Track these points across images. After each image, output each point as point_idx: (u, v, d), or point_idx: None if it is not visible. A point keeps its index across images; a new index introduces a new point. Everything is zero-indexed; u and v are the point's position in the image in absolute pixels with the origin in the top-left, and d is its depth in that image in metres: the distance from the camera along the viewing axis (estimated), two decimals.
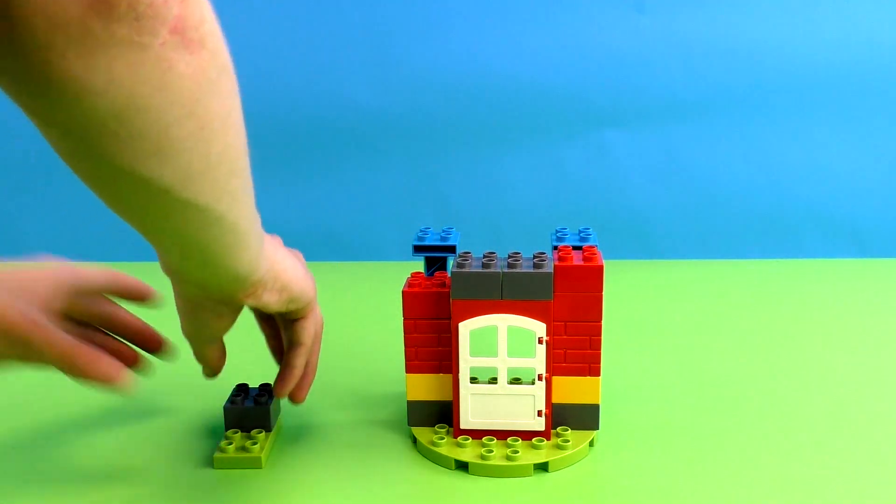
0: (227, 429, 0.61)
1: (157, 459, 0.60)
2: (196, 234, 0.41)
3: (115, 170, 0.35)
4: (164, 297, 0.59)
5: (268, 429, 0.61)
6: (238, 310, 0.53)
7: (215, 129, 0.37)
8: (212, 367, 0.57)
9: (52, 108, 0.32)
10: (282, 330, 0.59)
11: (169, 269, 0.49)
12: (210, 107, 0.36)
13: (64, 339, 0.49)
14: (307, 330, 0.56)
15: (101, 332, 0.58)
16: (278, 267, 0.51)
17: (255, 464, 0.58)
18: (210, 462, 0.59)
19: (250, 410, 0.61)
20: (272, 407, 0.61)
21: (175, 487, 0.56)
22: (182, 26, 0.32)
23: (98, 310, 0.57)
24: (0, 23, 0.30)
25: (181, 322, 0.53)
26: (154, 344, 0.60)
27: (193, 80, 0.34)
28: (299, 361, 0.57)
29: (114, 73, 0.31)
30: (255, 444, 0.59)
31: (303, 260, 0.57)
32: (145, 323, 0.60)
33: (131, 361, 0.57)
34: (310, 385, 0.59)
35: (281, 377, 0.58)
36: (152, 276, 0.57)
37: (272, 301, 0.51)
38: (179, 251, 0.44)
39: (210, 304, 0.51)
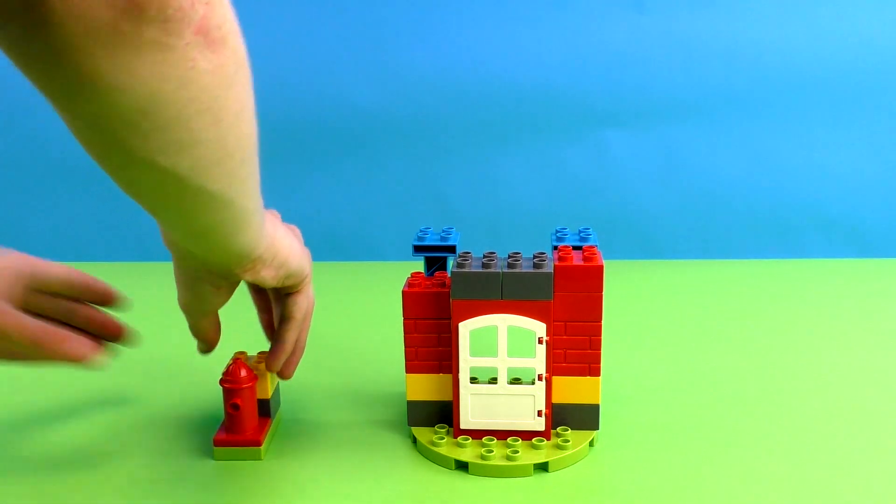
0: None
1: (158, 449, 0.60)
2: (204, 216, 0.43)
3: (136, 160, 0.36)
4: (133, 300, 0.60)
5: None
6: (235, 284, 0.54)
7: (230, 122, 0.38)
8: (207, 342, 0.58)
9: (80, 103, 0.33)
10: (274, 305, 0.60)
11: (171, 244, 0.50)
12: (227, 101, 0.37)
13: (33, 322, 0.50)
14: (299, 305, 0.57)
15: (62, 323, 0.56)
16: (277, 244, 0.52)
17: (255, 455, 0.59)
18: (210, 453, 0.59)
19: None
20: (272, 399, 0.62)
21: (175, 477, 0.56)
22: (206, 26, 0.33)
23: (57, 306, 0.57)
24: (33, 24, 0.30)
25: (179, 293, 0.54)
26: (116, 332, 0.59)
27: (214, 76, 0.35)
28: (290, 336, 0.58)
29: (140, 71, 0.32)
30: None
31: (299, 235, 0.58)
32: (105, 314, 0.59)
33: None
34: (298, 362, 0.60)
35: (272, 352, 0.59)
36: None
37: (269, 276, 0.52)
38: (185, 229, 0.46)
39: (209, 277, 0.52)
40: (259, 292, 0.61)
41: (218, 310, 0.56)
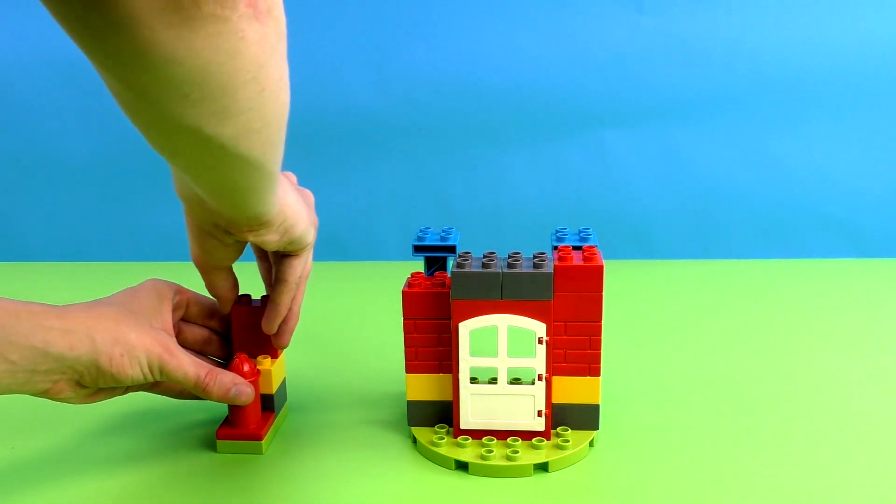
0: None
1: (160, 443, 0.61)
2: (235, 178, 0.44)
3: (182, 128, 0.38)
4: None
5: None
6: (243, 244, 0.56)
7: (272, 90, 0.39)
8: (222, 297, 0.59)
9: (135, 73, 0.34)
10: (272, 263, 0.61)
11: (185, 195, 0.51)
12: (269, 70, 0.38)
13: (194, 364, 0.54)
14: (294, 269, 0.58)
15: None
16: (287, 210, 0.53)
17: (257, 449, 0.59)
18: (213, 446, 0.60)
19: None
20: (276, 394, 0.62)
21: (177, 471, 0.57)
22: None
23: (196, 335, 0.61)
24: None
25: (190, 246, 0.56)
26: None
27: (260, 46, 0.36)
28: (283, 299, 0.59)
29: (195, 43, 0.33)
30: None
31: (311, 201, 0.59)
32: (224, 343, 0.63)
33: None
34: (293, 329, 0.61)
35: (266, 313, 0.59)
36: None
37: (272, 240, 0.53)
38: (211, 188, 0.47)
39: (216, 231, 0.53)
40: (262, 249, 0.62)
41: (228, 264, 0.58)
